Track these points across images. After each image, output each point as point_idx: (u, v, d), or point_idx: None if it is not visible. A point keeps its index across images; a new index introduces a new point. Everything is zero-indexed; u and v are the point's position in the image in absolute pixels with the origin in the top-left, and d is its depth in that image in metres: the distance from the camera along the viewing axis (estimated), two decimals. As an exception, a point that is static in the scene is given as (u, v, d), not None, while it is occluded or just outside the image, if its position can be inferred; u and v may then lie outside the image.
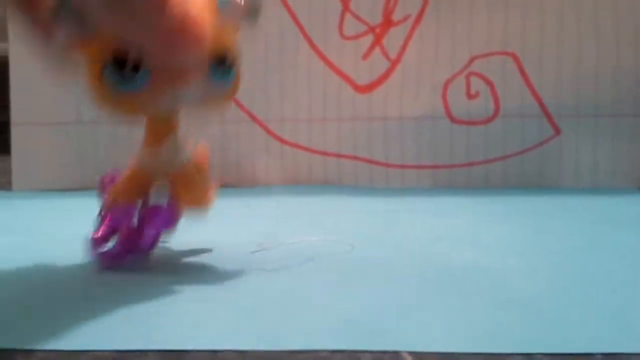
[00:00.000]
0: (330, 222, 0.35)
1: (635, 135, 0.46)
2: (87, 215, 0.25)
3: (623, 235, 0.30)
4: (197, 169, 0.24)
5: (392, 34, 0.47)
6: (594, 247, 0.28)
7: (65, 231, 0.23)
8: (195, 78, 0.22)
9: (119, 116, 0.22)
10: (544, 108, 0.47)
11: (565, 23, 0.46)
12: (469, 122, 0.47)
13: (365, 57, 0.48)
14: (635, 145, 0.46)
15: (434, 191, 0.46)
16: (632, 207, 0.39)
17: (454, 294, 0.21)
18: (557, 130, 0.47)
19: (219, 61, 0.22)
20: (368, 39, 0.48)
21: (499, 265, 0.25)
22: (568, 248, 0.28)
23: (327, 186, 0.48)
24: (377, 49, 0.48)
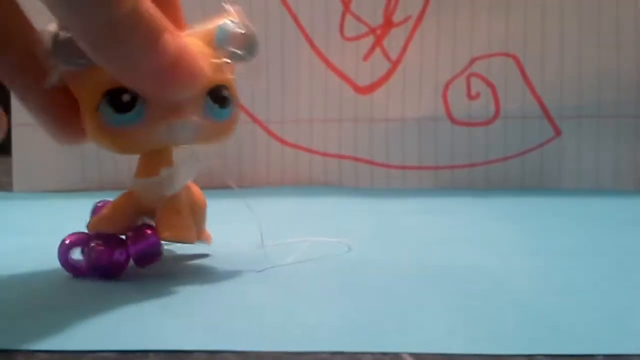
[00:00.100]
0: (331, 223, 0.35)
1: (637, 137, 0.46)
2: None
3: (624, 237, 0.30)
4: (188, 203, 0.23)
5: (393, 35, 0.47)
6: (596, 248, 0.28)
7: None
8: (191, 113, 0.21)
9: (114, 151, 0.22)
10: (544, 109, 0.47)
11: (566, 24, 0.46)
12: (469, 123, 0.47)
13: (366, 58, 0.48)
14: (637, 146, 0.46)
15: (434, 192, 0.46)
16: (634, 209, 0.39)
17: (455, 295, 0.21)
18: (557, 131, 0.47)
19: (215, 96, 0.22)
20: (369, 40, 0.48)
21: (500, 266, 0.25)
22: (569, 249, 0.28)
23: (328, 187, 0.48)
24: (377, 50, 0.48)
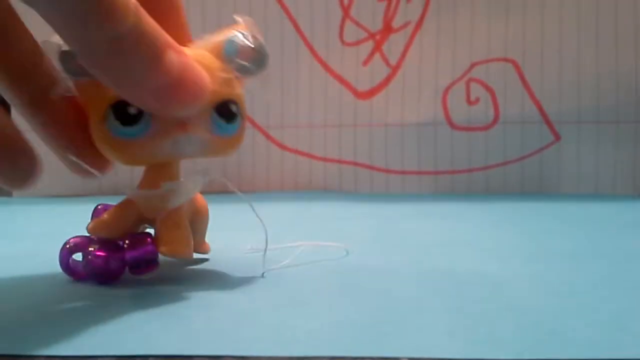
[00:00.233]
0: (331, 227, 0.35)
1: (636, 142, 0.46)
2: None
3: (623, 241, 0.31)
4: (189, 211, 0.24)
5: (393, 40, 0.48)
6: (595, 252, 0.28)
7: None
8: (197, 128, 0.21)
9: (120, 162, 0.22)
10: (544, 114, 0.47)
11: (565, 30, 0.46)
12: (469, 128, 0.47)
13: (365, 63, 0.48)
14: (636, 151, 0.46)
15: (434, 197, 0.46)
16: (632, 213, 0.40)
17: (455, 299, 0.21)
18: (557, 136, 0.47)
19: (222, 112, 0.22)
20: (368, 45, 0.48)
21: (499, 271, 0.25)
22: (569, 253, 0.28)
23: (328, 192, 0.48)
24: (377, 55, 0.48)
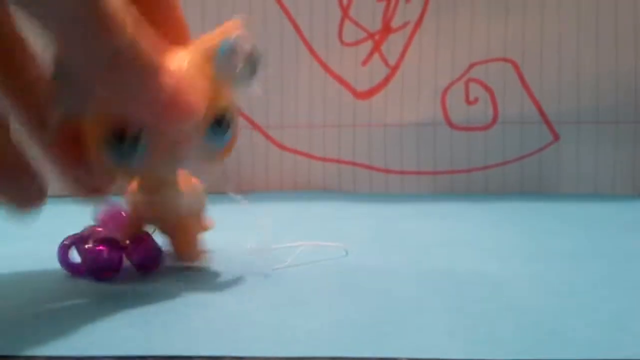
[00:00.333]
0: (330, 227, 0.35)
1: (635, 142, 0.46)
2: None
3: (623, 241, 0.31)
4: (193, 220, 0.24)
5: (392, 40, 0.47)
6: (595, 252, 0.28)
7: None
8: (193, 144, 0.22)
9: (120, 183, 0.23)
10: (543, 114, 0.47)
11: (565, 30, 0.46)
12: (468, 128, 0.47)
13: (364, 63, 0.48)
14: (636, 151, 0.46)
15: (433, 197, 0.46)
16: (632, 213, 0.40)
17: (454, 299, 0.21)
18: (556, 136, 0.47)
19: (216, 123, 0.22)
20: (367, 45, 0.48)
21: (499, 271, 0.25)
22: (568, 253, 0.28)
23: (327, 192, 0.48)
24: (376, 55, 0.48)
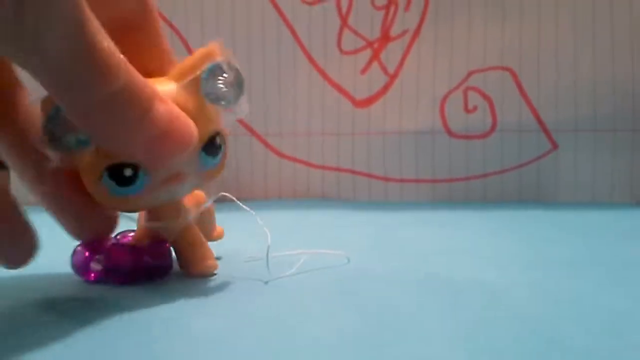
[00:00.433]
0: (330, 235, 0.35)
1: (633, 150, 0.47)
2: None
3: (621, 248, 0.31)
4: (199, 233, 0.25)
5: (390, 49, 0.48)
6: (593, 260, 0.28)
7: (67, 241, 0.24)
8: (188, 174, 0.22)
9: (121, 212, 0.23)
10: (541, 123, 0.47)
11: (562, 38, 0.47)
12: (466, 137, 0.48)
13: (363, 72, 0.48)
14: (633, 159, 0.47)
15: (432, 205, 0.46)
16: (630, 221, 0.40)
17: (453, 308, 0.21)
18: (554, 144, 0.47)
19: (209, 148, 0.22)
20: (366, 53, 0.48)
21: (498, 279, 0.25)
22: (567, 261, 0.28)
23: (326, 200, 0.48)
24: (375, 63, 0.48)
